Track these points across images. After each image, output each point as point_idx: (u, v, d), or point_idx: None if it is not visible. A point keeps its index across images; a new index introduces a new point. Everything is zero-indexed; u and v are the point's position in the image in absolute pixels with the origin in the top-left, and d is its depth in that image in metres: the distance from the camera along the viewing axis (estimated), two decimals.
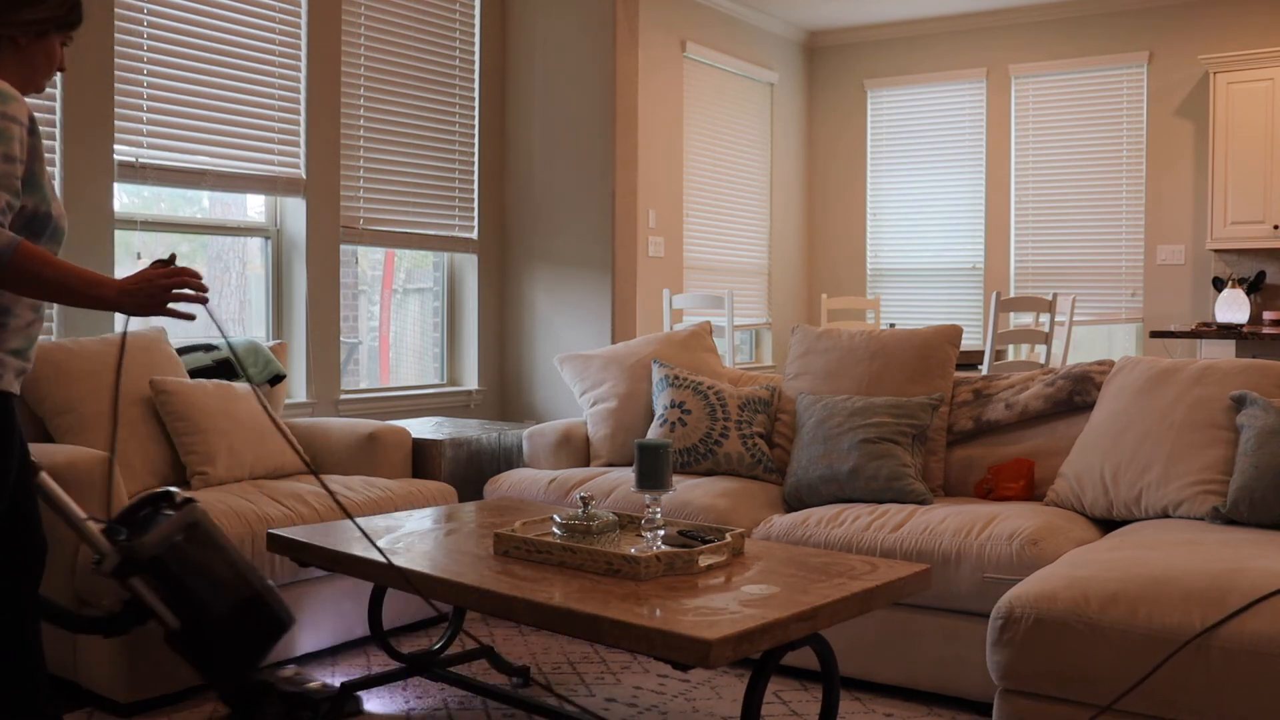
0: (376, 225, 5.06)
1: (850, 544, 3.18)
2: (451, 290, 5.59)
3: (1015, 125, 7.73)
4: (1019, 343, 5.98)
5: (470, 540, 2.81)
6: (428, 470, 4.11)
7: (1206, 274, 7.09)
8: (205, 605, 2.06)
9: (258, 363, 4.08)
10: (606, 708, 3.04)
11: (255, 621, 2.07)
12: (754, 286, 7.84)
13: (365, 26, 4.99)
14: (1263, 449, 2.93)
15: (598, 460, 4.15)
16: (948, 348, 3.80)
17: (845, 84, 8.36)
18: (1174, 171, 7.19)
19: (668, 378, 4.04)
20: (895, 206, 8.21)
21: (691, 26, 7.12)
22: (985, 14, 7.74)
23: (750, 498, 3.60)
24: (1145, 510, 3.13)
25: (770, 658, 2.26)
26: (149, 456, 3.50)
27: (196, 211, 4.73)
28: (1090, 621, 2.32)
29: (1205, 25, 7.10)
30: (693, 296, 6.23)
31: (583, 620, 2.17)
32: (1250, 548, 2.60)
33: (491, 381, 5.62)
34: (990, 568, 2.97)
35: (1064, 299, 6.41)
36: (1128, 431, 3.24)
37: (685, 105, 7.09)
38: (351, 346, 5.29)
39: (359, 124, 4.96)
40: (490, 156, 5.61)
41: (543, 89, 5.52)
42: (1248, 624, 2.20)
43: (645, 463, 2.57)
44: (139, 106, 4.15)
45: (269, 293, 4.74)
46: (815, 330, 4.05)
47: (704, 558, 2.51)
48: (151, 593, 2.04)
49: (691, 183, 7.17)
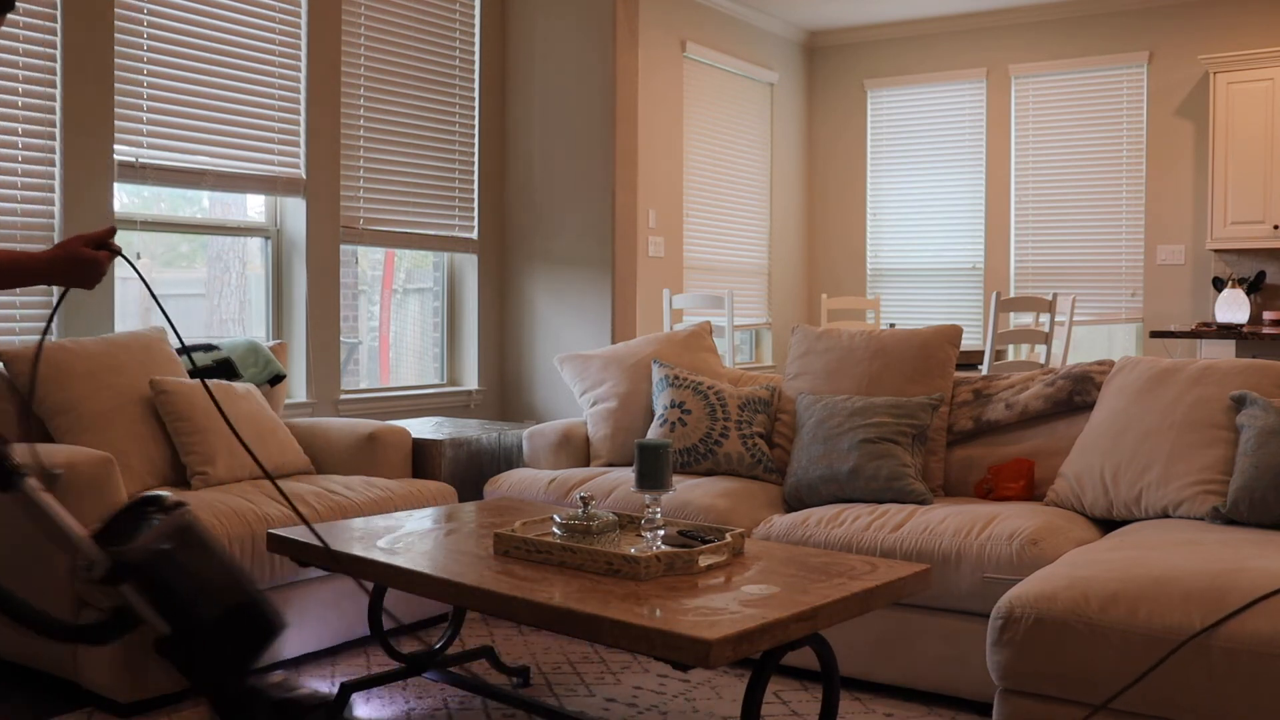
0: (376, 225, 5.06)
1: (850, 544, 3.18)
2: (451, 290, 5.59)
3: (1015, 125, 7.73)
4: (1019, 343, 5.98)
5: (470, 540, 2.81)
6: (428, 470, 4.11)
7: (1206, 274, 7.09)
8: (196, 611, 2.04)
9: (258, 363, 4.08)
10: (606, 708, 3.04)
11: (247, 627, 2.03)
12: (754, 286, 7.84)
13: (365, 26, 4.99)
14: (1263, 449, 2.93)
15: (598, 460, 4.15)
16: (948, 348, 3.80)
17: (845, 84, 8.36)
18: (1174, 171, 7.19)
19: (668, 378, 4.04)
20: (895, 206, 8.21)
21: (691, 26, 7.12)
22: (985, 14, 7.74)
23: (750, 498, 3.60)
24: (1145, 510, 3.13)
25: (770, 658, 2.26)
26: (149, 456, 3.50)
27: (196, 211, 4.73)
28: (1090, 621, 2.32)
29: (1205, 25, 7.10)
30: (693, 296, 6.23)
31: (583, 620, 2.17)
32: (1250, 548, 2.60)
33: (491, 381, 5.63)
34: (990, 568, 2.97)
35: (1064, 299, 6.41)
36: (1128, 431, 3.24)
37: (685, 105, 7.09)
38: (351, 346, 5.29)
39: (359, 124, 4.96)
40: (490, 156, 5.61)
41: (543, 89, 5.52)
42: (1248, 624, 2.20)
43: (645, 463, 2.57)
44: (139, 106, 4.15)
45: (269, 293, 4.74)
46: (815, 330, 4.05)
47: (704, 558, 2.51)
48: (141, 599, 2.02)
49: (691, 183, 7.17)
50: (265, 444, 3.70)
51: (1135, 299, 7.32)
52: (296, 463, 3.80)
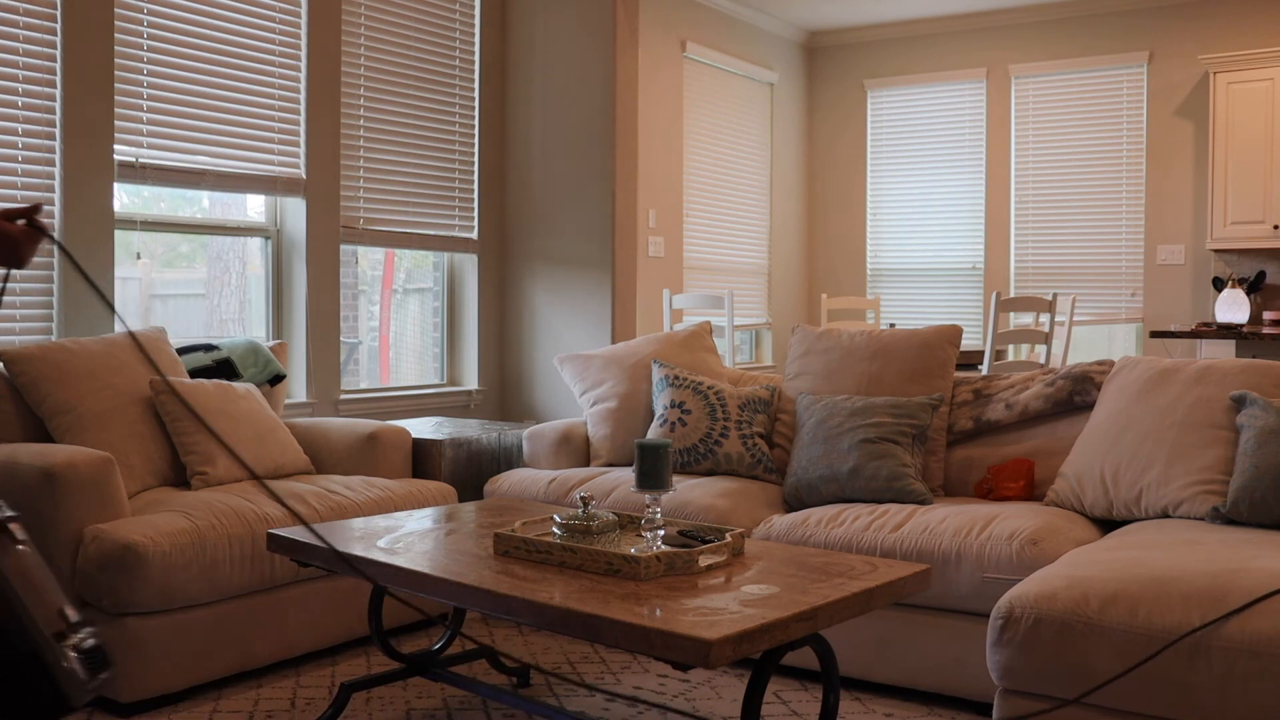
0: (376, 225, 5.06)
1: (850, 544, 3.18)
2: (451, 290, 5.59)
3: (1015, 125, 7.73)
4: (1019, 343, 5.98)
5: (470, 540, 2.81)
6: (428, 470, 4.11)
7: (1206, 274, 7.09)
8: None
9: (257, 363, 4.08)
10: (606, 708, 3.04)
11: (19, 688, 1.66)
12: (754, 286, 7.84)
13: (365, 26, 4.99)
14: (1263, 449, 2.93)
15: (598, 460, 4.15)
16: (948, 348, 3.80)
17: (845, 84, 8.36)
18: (1174, 171, 7.19)
19: (668, 378, 4.03)
20: (895, 206, 8.21)
21: (691, 26, 7.12)
22: (985, 14, 7.74)
23: (750, 498, 3.60)
24: (1145, 510, 3.13)
25: (770, 658, 2.26)
26: (149, 456, 3.50)
27: (196, 211, 4.73)
28: (1090, 621, 2.32)
29: (1205, 25, 7.10)
30: (693, 296, 6.23)
31: (583, 620, 2.17)
32: (1250, 548, 2.60)
33: (491, 381, 5.62)
34: (990, 568, 2.97)
35: (1064, 299, 6.41)
36: (1128, 431, 3.24)
37: (685, 105, 7.09)
38: (351, 346, 5.29)
39: (359, 124, 4.96)
40: (490, 156, 5.61)
41: (543, 89, 5.52)
42: (1248, 624, 2.20)
43: (645, 463, 2.57)
44: (139, 106, 4.15)
45: (269, 293, 4.74)
46: (815, 330, 4.05)
47: (704, 558, 2.51)
48: None
49: (691, 183, 7.17)
50: (265, 444, 3.70)
51: (1135, 299, 7.32)
52: (296, 463, 3.80)
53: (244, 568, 3.17)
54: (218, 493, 3.35)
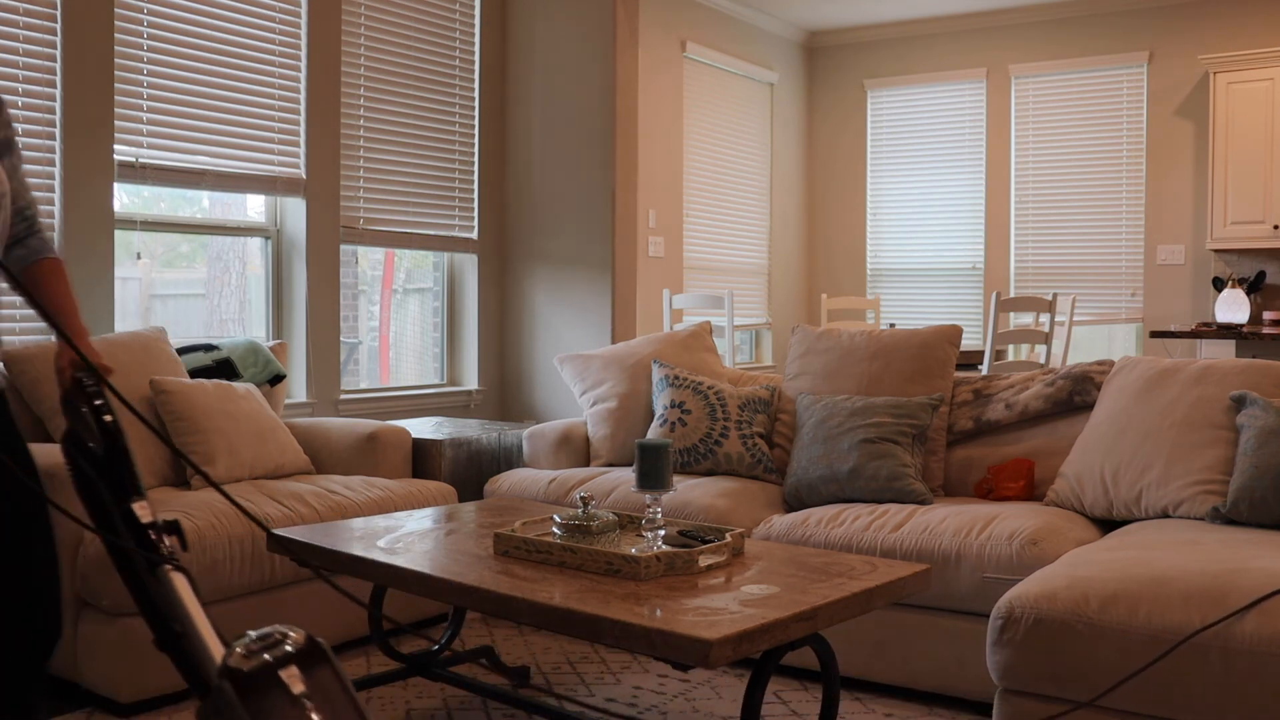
0: (376, 225, 5.06)
1: (850, 544, 3.18)
2: (451, 290, 5.59)
3: (1015, 125, 7.73)
4: (1019, 343, 5.98)
5: (470, 540, 2.81)
6: (428, 470, 4.11)
7: (1206, 274, 7.09)
8: None
9: (257, 363, 4.08)
10: (606, 708, 3.04)
11: None
12: (754, 286, 7.84)
13: (365, 26, 4.99)
14: (1263, 449, 2.93)
15: (598, 460, 4.15)
16: (948, 348, 3.80)
17: (845, 84, 8.36)
18: (1174, 171, 7.19)
19: (668, 378, 4.04)
20: (895, 206, 8.21)
21: (691, 26, 7.12)
22: (985, 14, 7.74)
23: (750, 498, 3.60)
24: (1145, 510, 3.13)
25: (770, 658, 2.26)
26: (149, 456, 3.50)
27: (196, 211, 4.73)
28: (1090, 621, 2.32)
29: (1205, 25, 7.10)
30: (693, 296, 6.23)
31: (583, 620, 2.17)
32: (1250, 548, 2.60)
33: (491, 381, 5.63)
34: (990, 568, 2.97)
35: (1064, 299, 6.41)
36: (1128, 431, 3.24)
37: (685, 105, 7.09)
38: (351, 346, 5.29)
39: (359, 124, 4.96)
40: (490, 156, 5.61)
41: (543, 89, 5.52)
42: (1248, 624, 2.20)
43: (645, 463, 2.57)
44: (139, 106, 4.15)
45: (269, 293, 4.74)
46: (815, 330, 4.05)
47: (704, 558, 2.51)
48: None
49: (691, 183, 7.17)
50: (265, 444, 3.71)
51: (1135, 299, 7.32)
52: (296, 463, 3.80)
53: (244, 568, 3.17)
54: (217, 493, 3.35)
